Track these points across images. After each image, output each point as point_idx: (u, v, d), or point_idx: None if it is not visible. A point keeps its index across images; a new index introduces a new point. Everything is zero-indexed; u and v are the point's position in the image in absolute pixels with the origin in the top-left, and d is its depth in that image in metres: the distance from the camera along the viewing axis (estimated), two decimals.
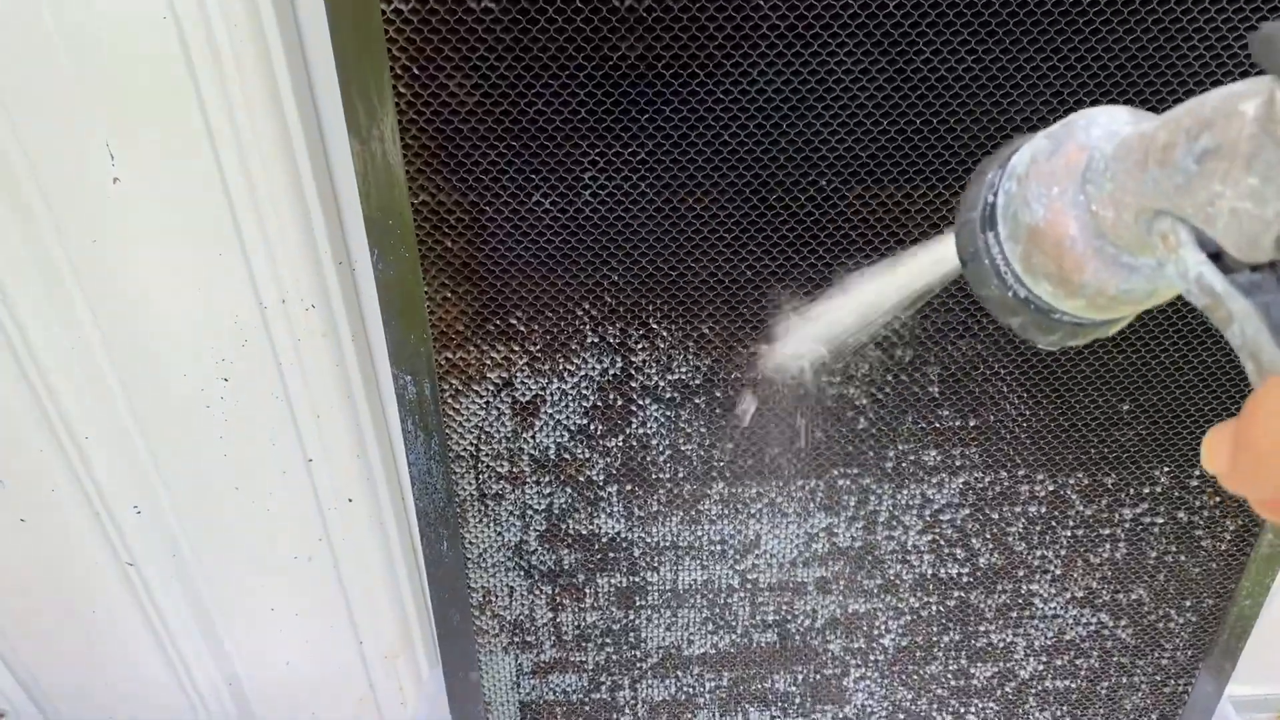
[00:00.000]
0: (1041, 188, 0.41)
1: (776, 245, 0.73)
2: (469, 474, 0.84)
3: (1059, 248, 0.41)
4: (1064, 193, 0.40)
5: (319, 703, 1.28)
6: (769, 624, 0.96)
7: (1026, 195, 0.42)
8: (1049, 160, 0.41)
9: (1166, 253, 0.36)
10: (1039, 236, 0.41)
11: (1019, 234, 0.42)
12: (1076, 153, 0.41)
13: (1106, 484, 0.87)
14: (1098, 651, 1.00)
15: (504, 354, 0.78)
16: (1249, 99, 0.32)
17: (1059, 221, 0.41)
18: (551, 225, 0.71)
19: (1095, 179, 0.39)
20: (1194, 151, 0.34)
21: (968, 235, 0.45)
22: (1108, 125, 0.41)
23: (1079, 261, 0.41)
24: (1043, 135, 0.43)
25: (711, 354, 0.79)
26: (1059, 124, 0.42)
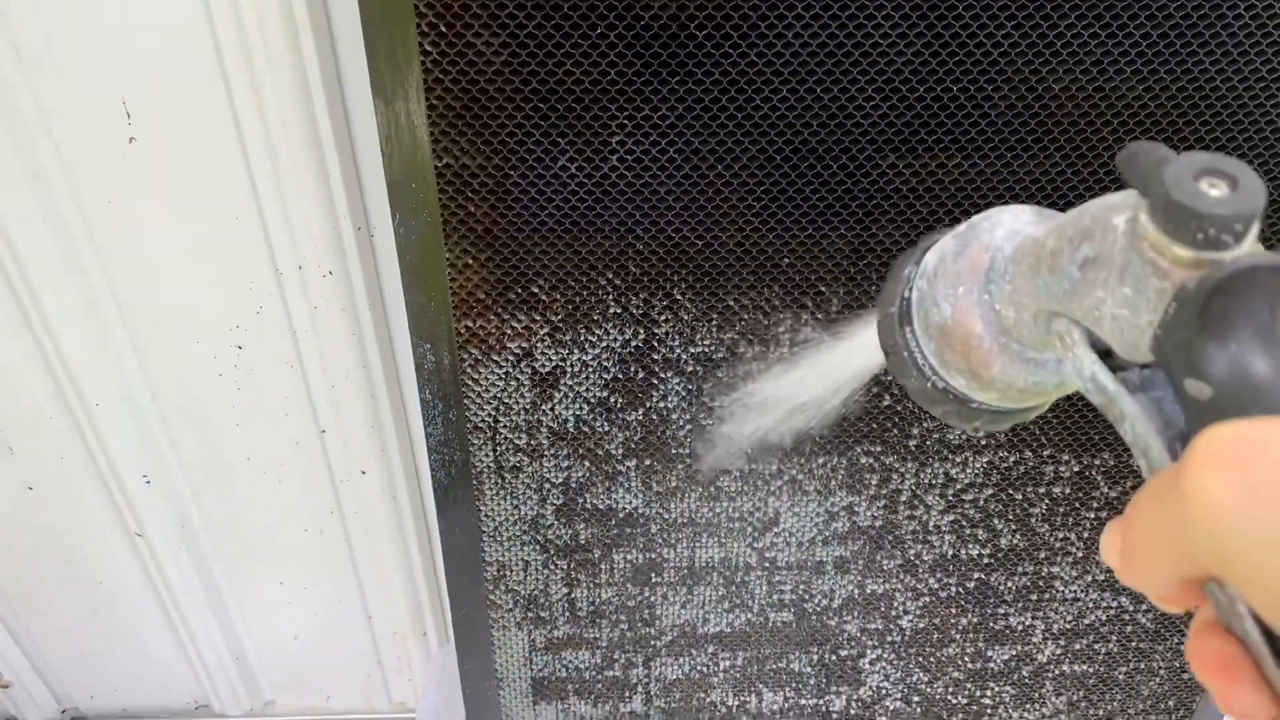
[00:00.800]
0: (949, 288, 0.43)
1: (806, 215, 0.72)
2: (486, 446, 0.83)
3: (967, 345, 0.43)
4: (969, 293, 0.42)
5: (326, 679, 1.27)
6: (785, 603, 0.95)
7: (935, 294, 0.44)
8: (955, 261, 0.43)
9: (1064, 350, 0.38)
10: (948, 334, 0.43)
11: (931, 331, 0.44)
12: (980, 254, 0.42)
13: (1133, 465, 0.85)
14: (1117, 636, 0.99)
15: (525, 323, 0.76)
16: (1120, 212, 0.34)
17: (965, 321, 0.42)
18: (577, 191, 0.70)
19: (997, 280, 0.41)
20: (1076, 260, 0.35)
21: (887, 329, 0.47)
22: (1011, 225, 0.42)
23: (986, 358, 0.42)
24: (951, 235, 0.44)
25: (736, 327, 0.77)
26: (965, 225, 0.44)
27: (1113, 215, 0.34)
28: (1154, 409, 0.34)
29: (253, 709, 1.29)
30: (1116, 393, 0.35)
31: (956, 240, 0.44)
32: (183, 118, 0.77)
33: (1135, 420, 0.34)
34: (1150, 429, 0.33)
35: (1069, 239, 0.36)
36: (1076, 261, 0.36)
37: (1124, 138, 0.68)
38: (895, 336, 0.47)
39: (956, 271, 0.43)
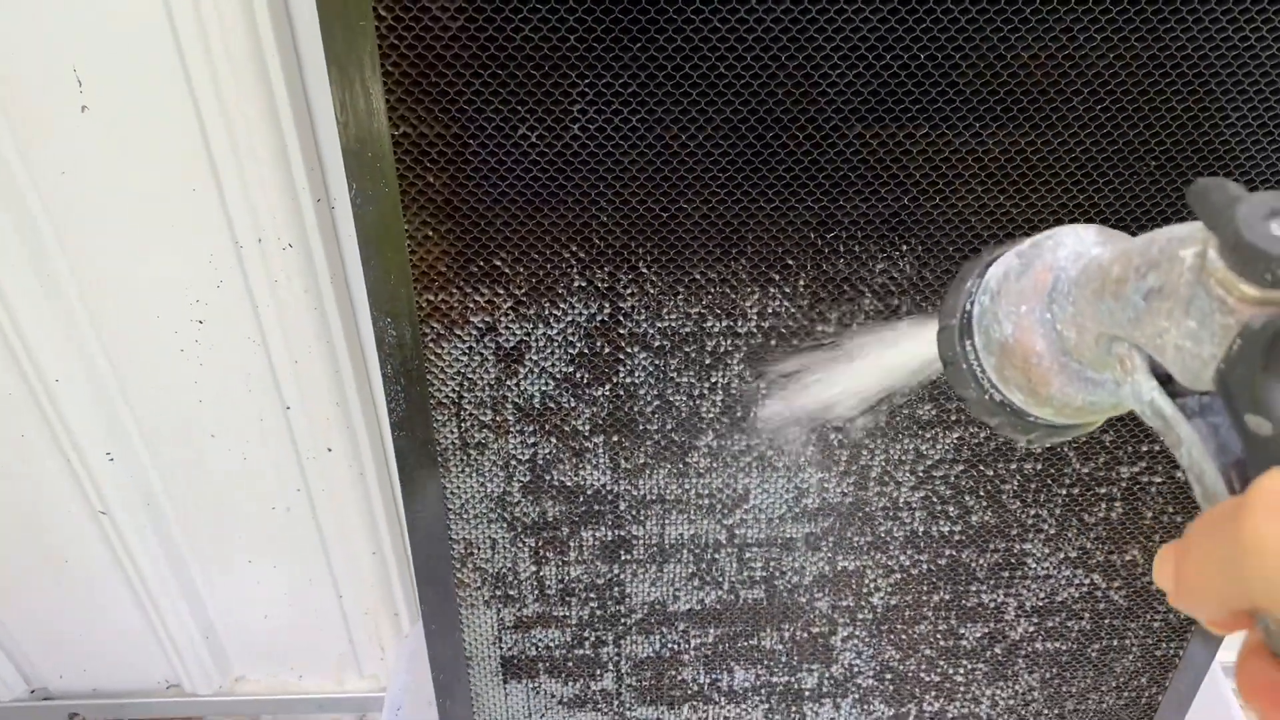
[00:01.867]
0: (1011, 305, 0.44)
1: (772, 186, 0.70)
2: (451, 422, 0.81)
3: (1027, 363, 0.43)
4: (1031, 311, 0.43)
5: (297, 657, 1.26)
6: (756, 580, 0.94)
7: (998, 311, 0.44)
8: (1019, 279, 0.44)
9: (1123, 374, 0.39)
10: (1009, 351, 0.44)
11: (991, 346, 0.45)
12: (1044, 273, 0.43)
13: (1105, 441, 0.85)
14: (1089, 613, 0.99)
15: (488, 297, 0.75)
16: (1188, 246, 0.34)
17: (1026, 339, 0.43)
18: (538, 161, 0.68)
19: (1060, 300, 0.42)
20: (1141, 289, 0.36)
21: (947, 341, 0.48)
22: (1074, 246, 0.43)
23: (1045, 376, 0.43)
24: (1014, 253, 0.45)
25: (703, 300, 0.76)
26: (1029, 242, 0.45)
27: (1180, 248, 0.34)
28: (1211, 435, 0.35)
29: (223, 687, 1.28)
30: (1175, 418, 0.36)
31: (1020, 258, 0.44)
32: (136, 85, 0.75)
33: (1192, 446, 0.35)
34: (1206, 455, 0.34)
35: (1135, 268, 0.37)
36: (1141, 291, 0.36)
37: (1094, 107, 0.67)
38: (955, 349, 0.47)
39: (1020, 290, 0.44)
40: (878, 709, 1.07)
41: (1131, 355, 0.38)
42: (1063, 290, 0.42)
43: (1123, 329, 0.38)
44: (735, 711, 1.06)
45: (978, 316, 0.46)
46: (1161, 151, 0.69)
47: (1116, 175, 0.70)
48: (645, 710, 1.05)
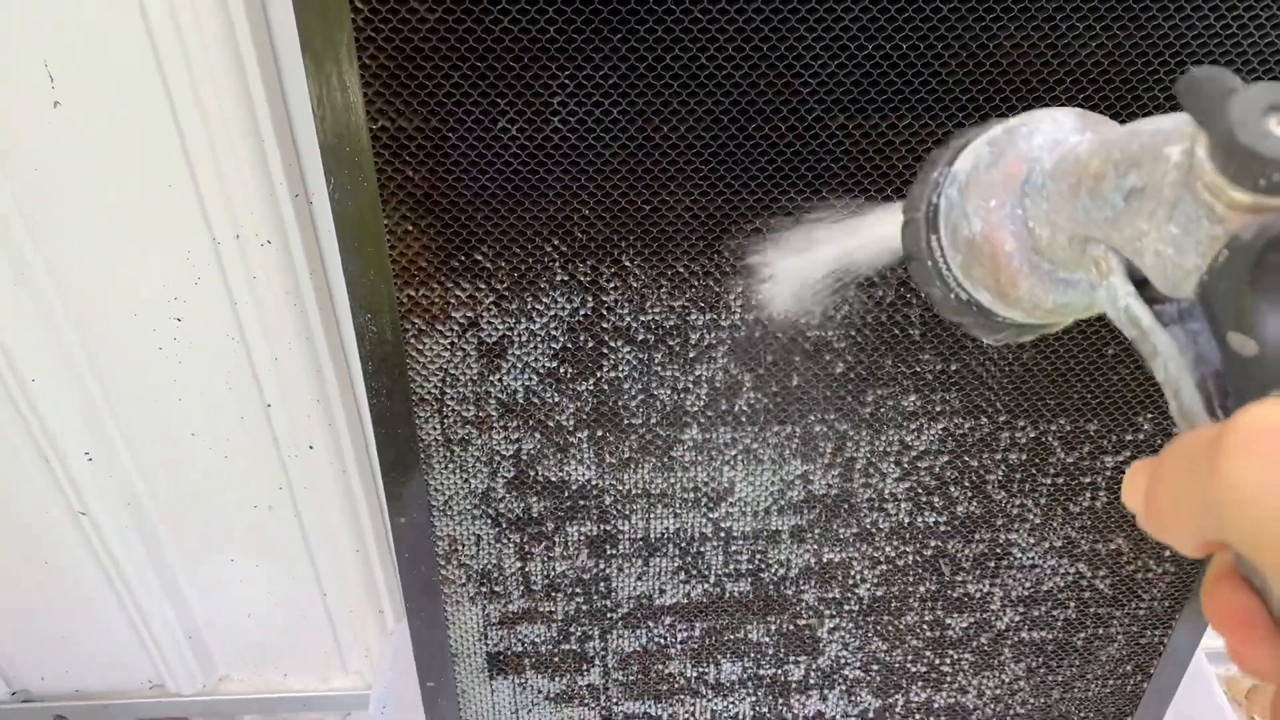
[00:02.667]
0: (980, 200, 0.41)
1: (755, 178, 0.70)
2: (433, 418, 0.81)
3: (995, 262, 0.40)
4: (1001, 206, 0.40)
5: (283, 656, 1.25)
6: (742, 573, 0.94)
7: (965, 207, 0.41)
8: (989, 170, 0.40)
9: (1098, 277, 0.36)
10: (976, 249, 0.41)
11: (958, 243, 0.42)
12: (1016, 164, 0.40)
13: (1089, 430, 0.85)
14: (1075, 602, 0.99)
15: (469, 292, 0.74)
16: (1175, 143, 0.31)
17: (995, 237, 0.40)
18: (519, 154, 0.68)
19: (1033, 195, 0.39)
20: (1121, 188, 0.33)
21: (912, 235, 0.45)
22: (1051, 133, 0.40)
23: (1014, 277, 0.40)
24: (985, 140, 0.42)
25: (686, 293, 0.75)
26: (1001, 127, 0.41)
27: (1165, 144, 0.31)
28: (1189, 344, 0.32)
29: (207, 687, 1.27)
30: (1151, 327, 0.33)
31: (991, 147, 0.41)
32: (108, 80, 0.74)
33: (1169, 359, 0.32)
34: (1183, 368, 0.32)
35: (1115, 164, 0.34)
36: (1121, 190, 0.33)
37: (1076, 96, 0.67)
38: (920, 244, 0.44)
39: (989, 182, 0.40)
40: (865, 700, 1.07)
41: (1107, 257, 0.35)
42: (1036, 184, 0.39)
43: (1099, 230, 0.35)
44: (723, 704, 1.06)
45: (944, 210, 0.43)
46: None
47: None
48: (632, 705, 1.05)
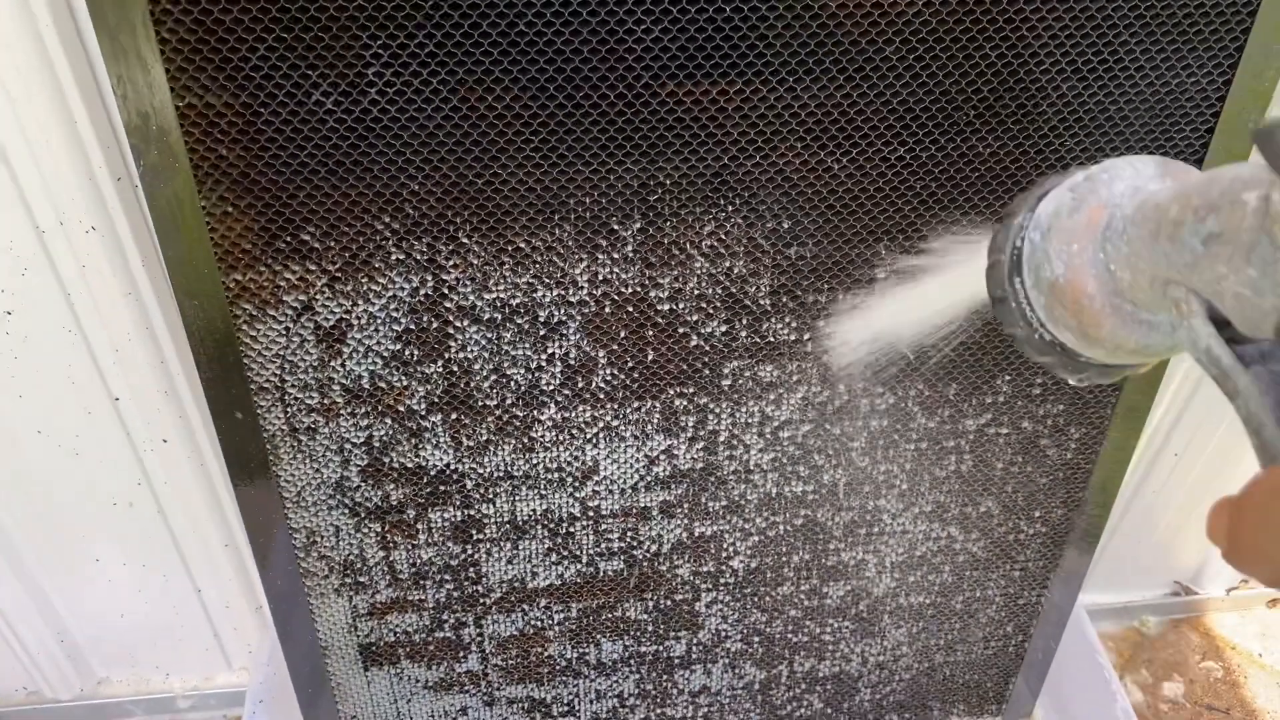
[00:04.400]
0: (1062, 244, 0.42)
1: (589, 148, 0.68)
2: (275, 407, 0.78)
3: (1078, 304, 0.42)
4: (1083, 250, 0.41)
5: (162, 655, 1.21)
6: (614, 551, 0.92)
7: (1048, 250, 0.43)
8: (1071, 216, 0.42)
9: (1179, 318, 0.37)
10: (1059, 291, 0.42)
11: (1041, 285, 0.43)
12: (1097, 210, 0.41)
13: (948, 395, 0.85)
14: (950, 566, 0.99)
15: (299, 274, 0.71)
16: (1252, 189, 0.32)
17: (1077, 280, 0.41)
18: (336, 128, 0.65)
19: (1114, 239, 0.40)
20: (1200, 233, 0.34)
21: (996, 278, 0.46)
22: (1131, 181, 0.41)
23: (1097, 318, 0.41)
24: (1067, 187, 0.43)
25: (530, 269, 0.73)
26: (1083, 175, 0.43)
27: (1243, 190, 0.32)
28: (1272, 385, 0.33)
29: (85, 691, 1.22)
30: (1232, 368, 0.34)
31: (1073, 193, 0.42)
32: None
33: (1250, 398, 0.33)
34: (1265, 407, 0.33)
35: (1194, 209, 0.35)
36: (1200, 235, 0.34)
37: (907, 57, 0.66)
38: (1005, 286, 0.46)
39: (1071, 227, 0.42)
40: (749, 672, 1.06)
41: (1188, 299, 0.36)
42: (1117, 229, 0.40)
43: (1179, 273, 0.36)
44: (606, 684, 1.05)
45: (1028, 254, 0.44)
46: (980, 100, 0.68)
47: (936, 126, 0.69)
48: (514, 689, 1.03)
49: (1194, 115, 0.71)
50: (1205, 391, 1.08)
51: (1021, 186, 0.73)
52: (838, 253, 0.75)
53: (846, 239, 0.74)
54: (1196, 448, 1.16)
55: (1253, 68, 0.68)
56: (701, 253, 0.74)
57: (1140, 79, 0.69)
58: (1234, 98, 0.70)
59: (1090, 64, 0.67)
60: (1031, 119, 0.69)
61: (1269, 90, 0.70)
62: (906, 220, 0.74)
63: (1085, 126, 0.70)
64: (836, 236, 0.74)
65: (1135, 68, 0.68)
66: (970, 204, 0.73)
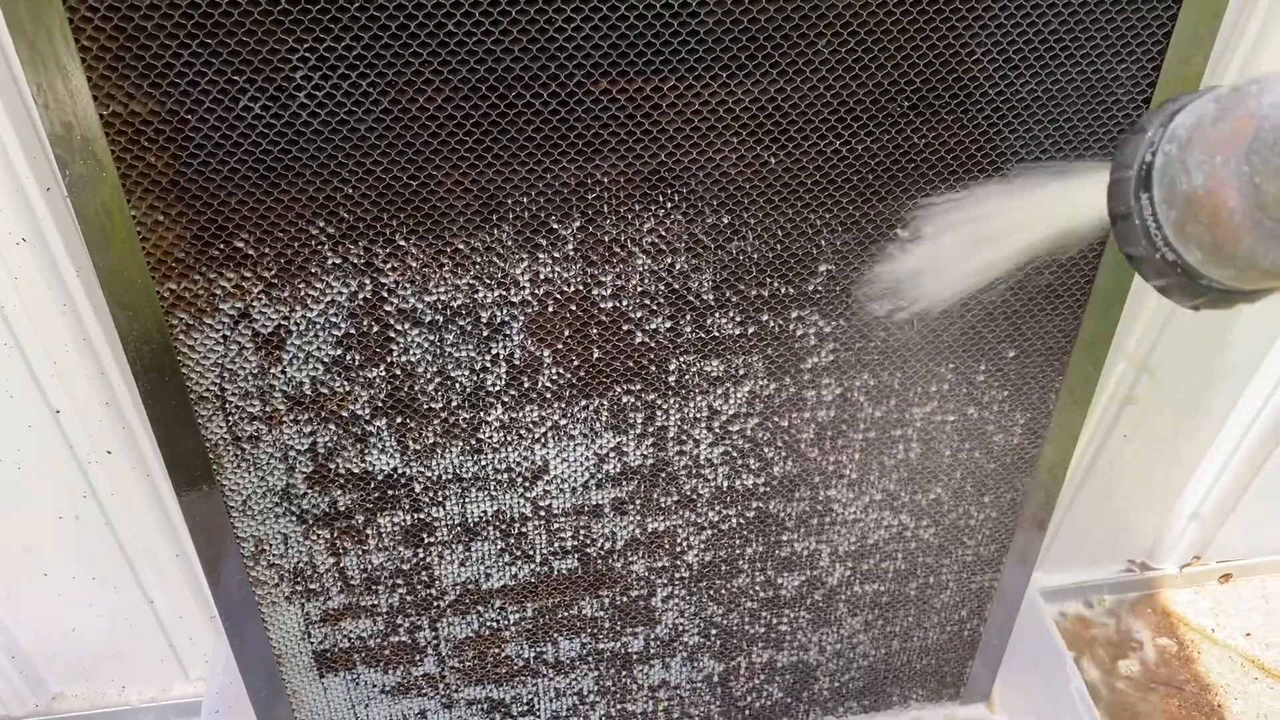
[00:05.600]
0: (1203, 154, 0.41)
1: (524, 148, 0.67)
2: (216, 416, 0.77)
3: (1216, 217, 0.41)
4: (1227, 162, 0.40)
5: (117, 667, 1.20)
6: (568, 550, 0.92)
7: (1187, 161, 0.41)
8: (1214, 126, 0.41)
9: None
10: (1196, 204, 0.41)
11: (1175, 199, 0.42)
12: (1245, 121, 0.40)
13: (893, 384, 0.85)
14: (902, 553, 1.00)
15: (235, 281, 0.70)
16: None
17: (1219, 191, 0.40)
18: (266, 133, 0.64)
19: (1261, 151, 0.39)
20: None
21: (1120, 193, 0.45)
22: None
23: (1235, 233, 0.40)
24: (1210, 98, 0.42)
25: (470, 270, 0.73)
26: (1229, 87, 0.41)
27: None
28: None
29: (40, 707, 1.21)
30: None
31: (1217, 104, 0.41)
32: None
33: None
34: None
35: None
36: None
37: (839, 50, 0.66)
38: (1129, 202, 0.45)
39: (1215, 137, 0.40)
40: (708, 665, 1.07)
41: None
42: (1265, 141, 0.39)
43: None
44: (565, 682, 1.04)
45: (1160, 167, 0.43)
46: (913, 91, 0.69)
47: (871, 119, 0.69)
48: (473, 690, 1.03)
49: (1125, 102, 0.72)
50: (1150, 373, 1.09)
51: (958, 178, 0.73)
52: (779, 246, 0.75)
53: (787, 232, 0.75)
54: (1145, 428, 1.18)
55: (1181, 52, 0.69)
56: (643, 249, 0.74)
57: (1071, 67, 0.69)
58: (1164, 82, 0.71)
59: (1021, 53, 0.68)
60: (965, 109, 0.70)
61: (1197, 74, 0.71)
62: (845, 213, 0.74)
63: (1019, 115, 0.71)
64: (777, 230, 0.74)
65: (1066, 56, 0.69)
66: (908, 195, 0.74)
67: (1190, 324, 1.02)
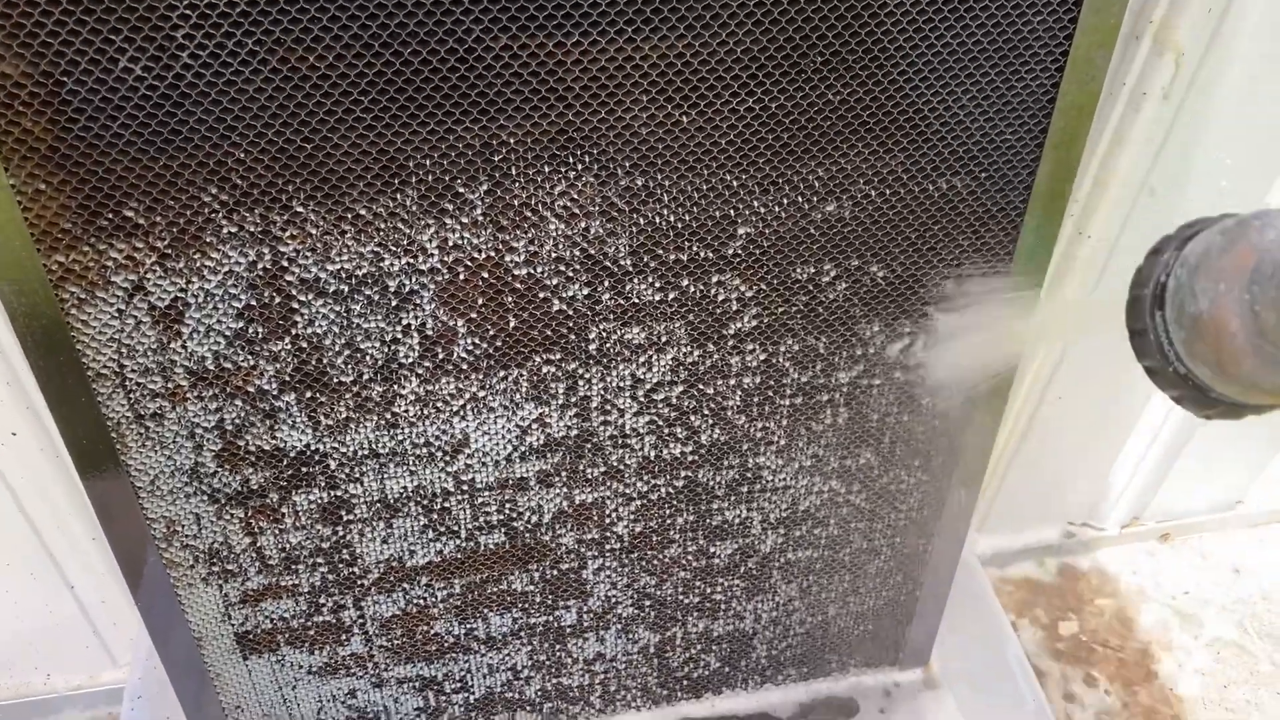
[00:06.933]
0: (1209, 282, 0.45)
1: (424, 108, 0.64)
2: (117, 394, 0.74)
3: (1219, 340, 0.44)
4: (1230, 290, 0.44)
5: (40, 656, 1.17)
6: (494, 524, 0.90)
7: (1194, 287, 0.46)
8: (1220, 256, 0.45)
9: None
10: (1202, 327, 0.45)
11: (1184, 320, 0.46)
12: (1247, 253, 0.44)
13: (818, 349, 0.84)
14: (834, 519, 0.99)
15: (126, 252, 0.67)
16: None
17: (1222, 317, 0.44)
18: (149, 96, 0.61)
19: (1261, 281, 0.43)
20: None
21: (1137, 310, 0.50)
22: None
23: (1237, 356, 0.44)
24: (1218, 229, 0.46)
25: (374, 238, 0.70)
26: (1235, 220, 0.46)
27: None
28: None
29: None
30: None
31: (1224, 236, 0.45)
32: None
33: None
34: None
35: None
36: None
37: (747, 3, 0.64)
38: (1144, 319, 0.49)
39: (1221, 267, 0.45)
40: (643, 636, 1.06)
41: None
42: (1265, 273, 0.42)
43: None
44: (498, 658, 1.03)
45: (1172, 289, 0.47)
46: (825, 46, 0.67)
47: (784, 75, 0.68)
48: (403, 669, 1.01)
49: (1043, 55, 0.70)
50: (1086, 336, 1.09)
51: (875, 136, 0.72)
52: (696, 209, 0.73)
53: (704, 194, 0.73)
54: (1080, 390, 1.18)
55: (1095, 3, 0.67)
56: (555, 214, 0.72)
57: (987, 19, 0.68)
58: (1080, 35, 0.69)
59: (935, 4, 0.66)
60: (880, 64, 0.68)
61: (1114, 26, 0.69)
62: (763, 174, 0.72)
63: (935, 71, 0.69)
64: (693, 192, 0.72)
65: (981, 9, 0.67)
66: (826, 155, 0.72)
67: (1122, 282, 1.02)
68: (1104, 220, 0.96)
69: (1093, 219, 0.95)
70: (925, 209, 0.77)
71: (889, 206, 0.76)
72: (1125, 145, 0.91)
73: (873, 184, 0.74)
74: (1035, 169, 0.76)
